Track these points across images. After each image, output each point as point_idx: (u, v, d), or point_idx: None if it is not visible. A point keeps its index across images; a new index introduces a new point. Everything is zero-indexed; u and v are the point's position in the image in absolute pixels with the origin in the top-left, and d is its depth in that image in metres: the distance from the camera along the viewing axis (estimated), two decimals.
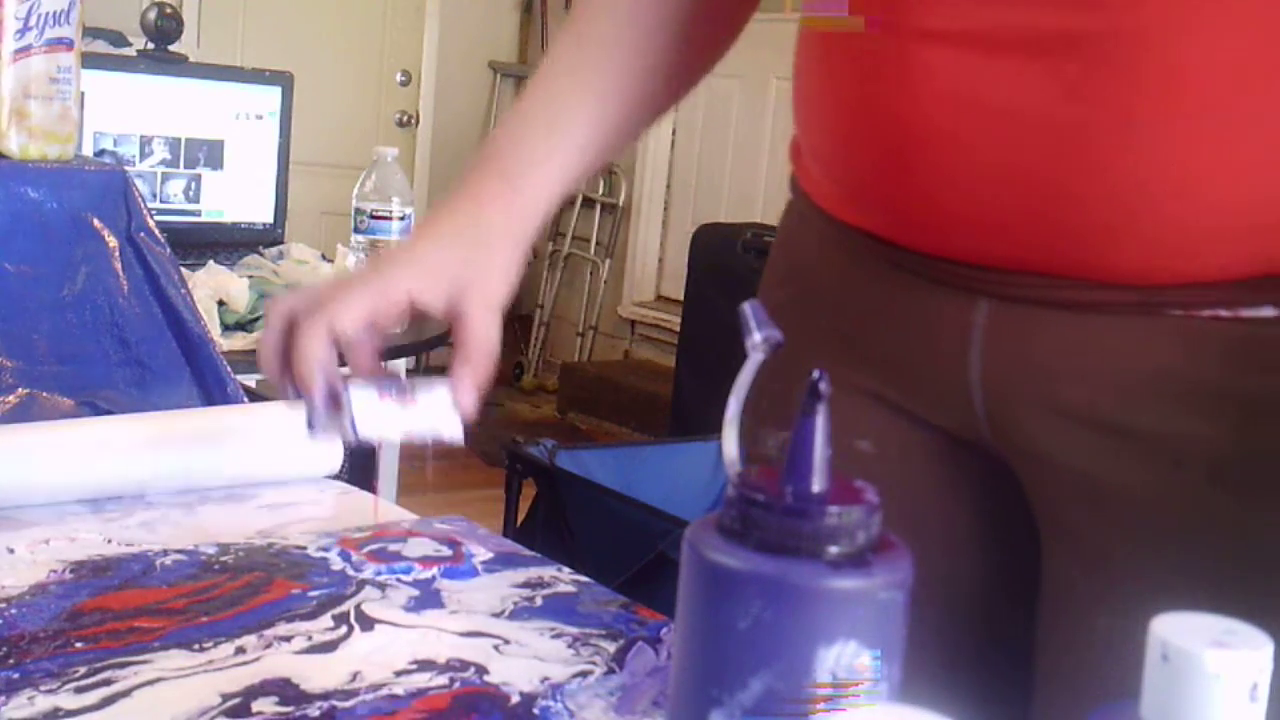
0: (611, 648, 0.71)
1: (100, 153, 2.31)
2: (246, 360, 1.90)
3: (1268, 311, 0.65)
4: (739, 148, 4.62)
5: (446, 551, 0.84)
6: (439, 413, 0.74)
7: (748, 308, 0.50)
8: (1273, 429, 0.66)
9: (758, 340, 0.47)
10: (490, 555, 0.84)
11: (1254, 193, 0.62)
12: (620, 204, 5.02)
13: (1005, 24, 0.64)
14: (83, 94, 1.13)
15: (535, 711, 0.63)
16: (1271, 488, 0.66)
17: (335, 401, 0.74)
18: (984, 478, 0.77)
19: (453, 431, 0.75)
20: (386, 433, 0.74)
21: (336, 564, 0.80)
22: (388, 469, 2.26)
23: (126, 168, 1.16)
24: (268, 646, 0.68)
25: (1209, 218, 0.63)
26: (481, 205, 0.78)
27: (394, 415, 0.74)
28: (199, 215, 2.46)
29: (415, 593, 0.77)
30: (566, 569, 0.83)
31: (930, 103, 0.67)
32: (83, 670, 0.63)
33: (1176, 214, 0.63)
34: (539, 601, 0.77)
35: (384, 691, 0.64)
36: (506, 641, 0.71)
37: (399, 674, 0.66)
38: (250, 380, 1.81)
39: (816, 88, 0.77)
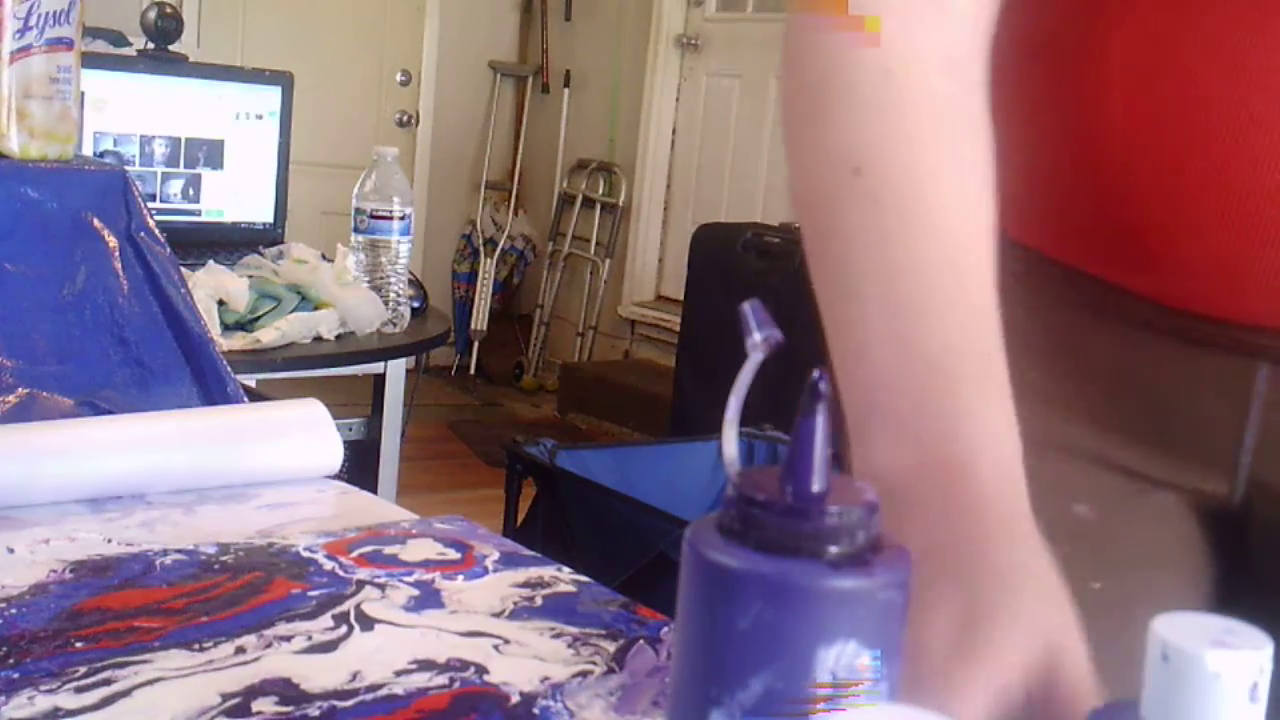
0: (611, 648, 0.71)
1: (100, 153, 2.31)
2: (246, 360, 1.91)
3: None
4: (739, 148, 4.63)
5: (454, 555, 0.84)
6: None
7: (748, 307, 0.50)
8: None
9: (758, 340, 0.47)
10: (496, 555, 0.84)
11: None
12: (620, 204, 5.02)
13: None
14: (83, 94, 1.13)
15: (535, 711, 0.63)
16: None
17: None
18: (1204, 546, 0.73)
19: None
20: None
21: (331, 565, 0.80)
22: (388, 469, 2.26)
23: (126, 168, 1.16)
24: (268, 646, 0.68)
25: None
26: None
27: None
28: (199, 215, 2.47)
29: (415, 593, 0.77)
30: (566, 569, 0.82)
31: (1259, 153, 0.59)
32: (83, 670, 0.63)
33: None
34: (539, 601, 0.77)
35: (384, 691, 0.64)
36: (506, 641, 0.71)
37: (399, 674, 0.66)
38: (250, 380, 1.81)
39: (1043, 121, 0.67)
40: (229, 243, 2.41)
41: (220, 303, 1.96)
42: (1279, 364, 0.67)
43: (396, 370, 2.26)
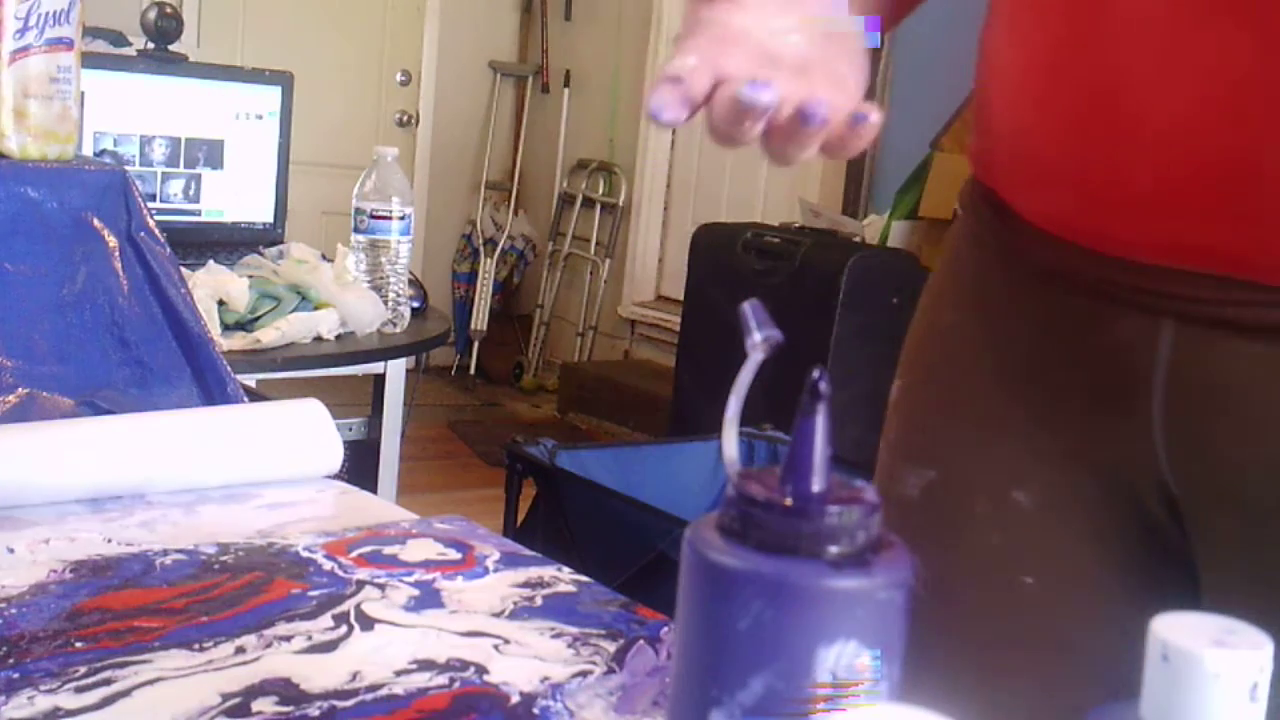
0: (611, 648, 0.71)
1: (100, 153, 2.31)
2: (246, 360, 1.90)
3: None
4: (739, 148, 4.62)
5: (454, 555, 0.84)
6: None
7: (747, 307, 0.50)
8: None
9: (757, 340, 0.47)
10: (497, 555, 0.84)
11: None
12: (620, 204, 5.02)
13: None
14: (83, 94, 1.13)
15: (535, 711, 0.63)
16: None
17: None
18: (1142, 531, 0.72)
19: None
20: None
21: (331, 565, 0.80)
22: (387, 469, 2.26)
23: (126, 168, 1.16)
24: (268, 646, 0.68)
25: None
26: None
27: None
28: (199, 215, 2.46)
29: (415, 593, 0.77)
30: (566, 569, 0.82)
31: (1129, 58, 0.62)
32: (83, 670, 0.63)
33: None
34: (539, 601, 0.77)
35: (384, 691, 0.64)
36: (506, 641, 0.71)
37: (399, 674, 0.66)
38: (250, 380, 1.81)
39: (1003, 59, 0.72)
40: (229, 243, 2.41)
41: (220, 303, 1.95)
42: (1182, 320, 0.65)
43: (396, 370, 2.26)
